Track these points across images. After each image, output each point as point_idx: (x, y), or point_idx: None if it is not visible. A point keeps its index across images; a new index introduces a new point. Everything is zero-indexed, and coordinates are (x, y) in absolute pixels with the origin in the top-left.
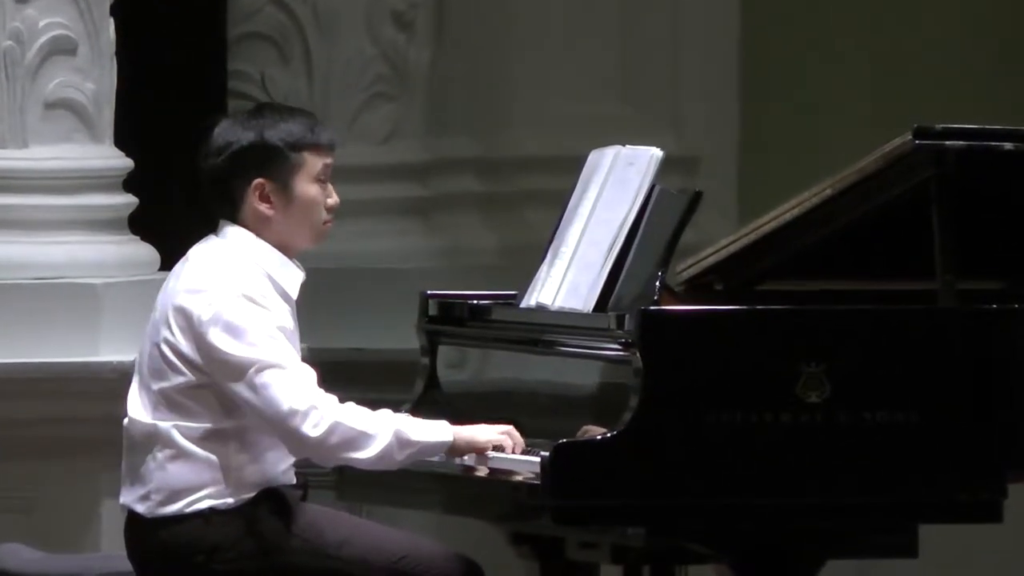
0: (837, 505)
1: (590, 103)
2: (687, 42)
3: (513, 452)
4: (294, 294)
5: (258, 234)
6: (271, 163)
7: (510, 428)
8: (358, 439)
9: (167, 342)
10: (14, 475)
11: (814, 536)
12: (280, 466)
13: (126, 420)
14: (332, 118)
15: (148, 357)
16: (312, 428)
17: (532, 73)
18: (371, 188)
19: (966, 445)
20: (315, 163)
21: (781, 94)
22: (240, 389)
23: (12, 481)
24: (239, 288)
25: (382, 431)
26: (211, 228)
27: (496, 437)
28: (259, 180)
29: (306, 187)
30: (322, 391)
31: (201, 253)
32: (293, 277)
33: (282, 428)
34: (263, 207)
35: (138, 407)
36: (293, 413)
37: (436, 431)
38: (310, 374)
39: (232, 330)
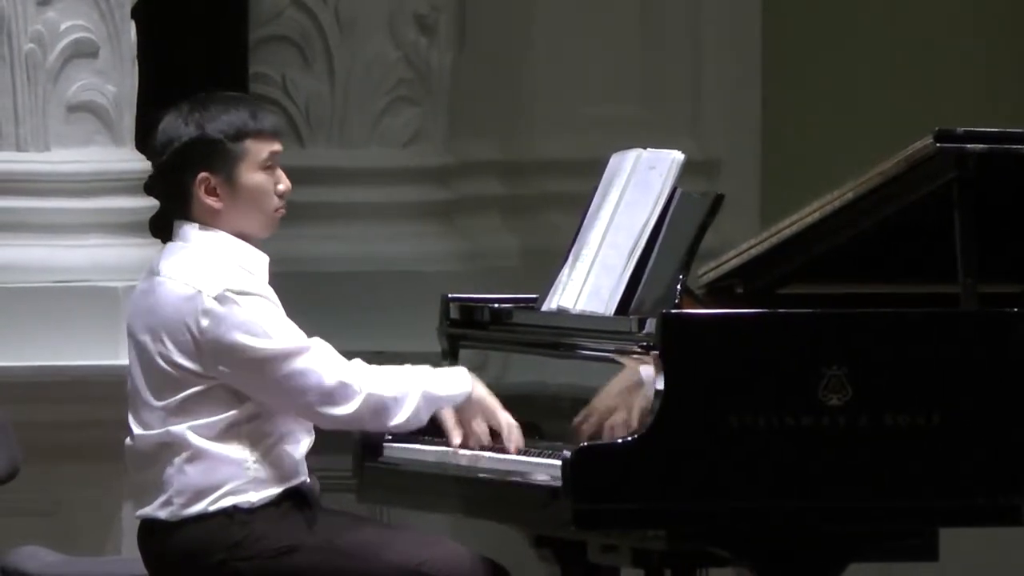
0: (858, 508)
1: (612, 106)
2: (708, 45)
3: (513, 449)
4: (265, 278)
5: (214, 227)
6: (212, 156)
7: (516, 425)
8: (390, 406)
9: (163, 358)
10: (35, 478)
11: (835, 539)
12: (296, 454)
13: (129, 440)
14: (354, 121)
15: (143, 379)
16: (346, 406)
17: (554, 76)
18: (393, 191)
19: (987, 449)
20: (259, 150)
21: (802, 97)
22: (261, 385)
23: (33, 484)
24: (224, 284)
25: (411, 393)
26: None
27: (500, 420)
28: (203, 174)
29: (251, 176)
30: (344, 361)
31: (171, 263)
32: (260, 262)
33: (314, 412)
34: (210, 200)
35: (143, 424)
36: (325, 396)
37: (458, 382)
38: (326, 348)
39: (234, 330)
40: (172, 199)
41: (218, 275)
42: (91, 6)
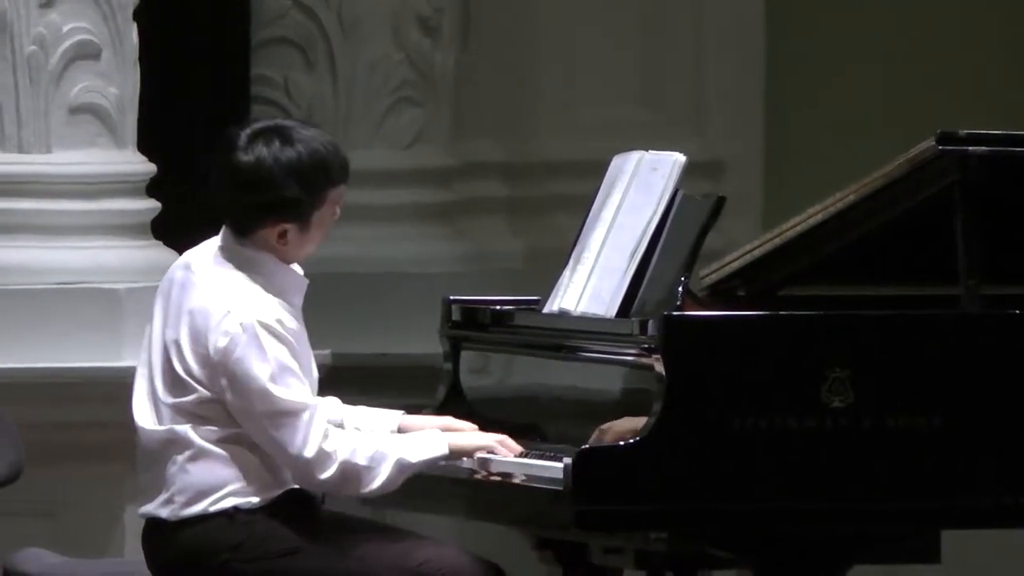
0: (860, 510)
1: (615, 107)
2: (712, 46)
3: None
4: (299, 303)
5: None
6: (299, 213)
7: (504, 437)
8: (364, 474)
9: (179, 360)
10: (37, 480)
11: (837, 541)
12: None
13: (137, 432)
14: (357, 123)
15: (160, 370)
16: (322, 472)
17: (557, 77)
18: (396, 193)
19: (990, 450)
20: (336, 198)
21: (805, 98)
22: (251, 424)
23: (35, 486)
24: (256, 316)
25: (385, 461)
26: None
27: (488, 443)
28: (284, 226)
29: (322, 218)
30: (328, 427)
31: (211, 269)
32: (298, 287)
33: (291, 469)
34: (278, 243)
35: (149, 417)
36: (304, 460)
37: (432, 447)
38: (319, 415)
39: (245, 359)
40: (236, 224)
41: (254, 302)
42: (93, 8)
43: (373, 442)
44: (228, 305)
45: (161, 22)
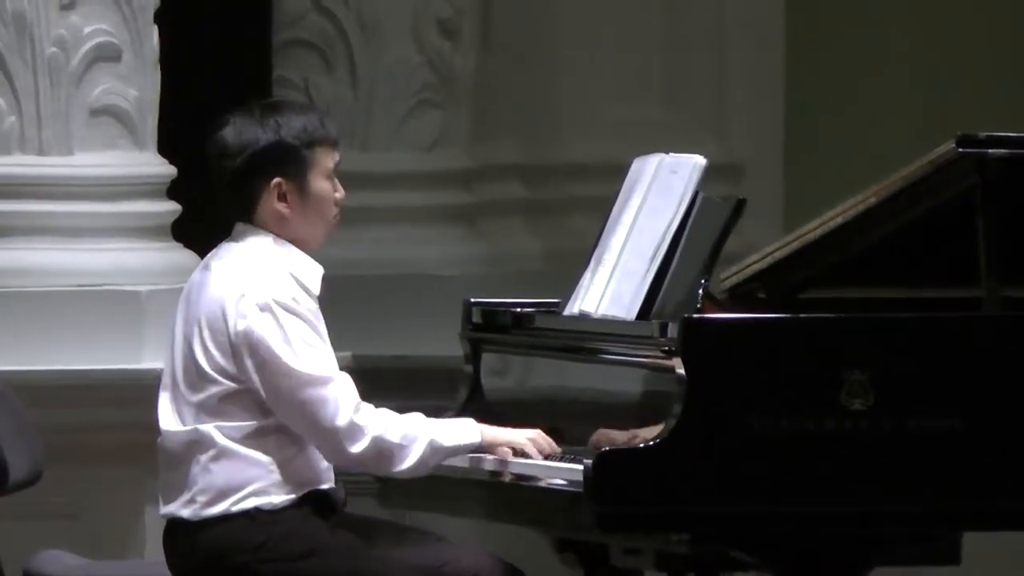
0: (881, 513)
1: (635, 109)
2: (732, 48)
3: (541, 457)
4: (317, 290)
5: (276, 233)
6: (289, 162)
7: (538, 432)
8: (396, 452)
9: (202, 353)
10: (58, 481)
11: (858, 543)
12: (323, 463)
13: (160, 437)
14: (377, 125)
15: (182, 370)
16: (353, 445)
17: (577, 79)
18: (416, 195)
19: (1010, 452)
20: (327, 159)
21: (826, 100)
22: (279, 403)
23: (56, 488)
24: (271, 295)
25: (418, 440)
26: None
27: (520, 440)
28: (277, 180)
29: (320, 183)
30: (360, 401)
31: (224, 262)
32: (314, 274)
33: (323, 443)
34: (280, 206)
35: (173, 419)
36: (335, 431)
37: (465, 433)
38: (348, 385)
39: (266, 338)
40: (238, 202)
41: (269, 284)
42: (114, 10)
43: (406, 421)
44: (242, 289)
45: (181, 24)
